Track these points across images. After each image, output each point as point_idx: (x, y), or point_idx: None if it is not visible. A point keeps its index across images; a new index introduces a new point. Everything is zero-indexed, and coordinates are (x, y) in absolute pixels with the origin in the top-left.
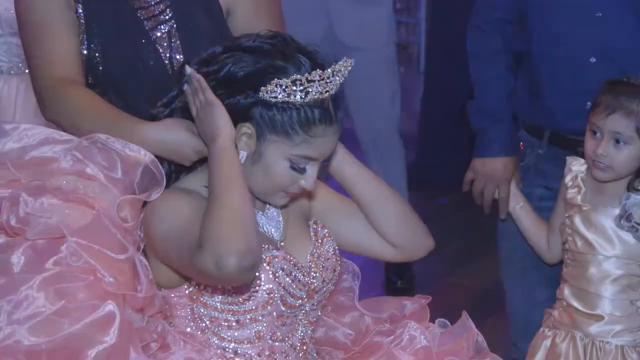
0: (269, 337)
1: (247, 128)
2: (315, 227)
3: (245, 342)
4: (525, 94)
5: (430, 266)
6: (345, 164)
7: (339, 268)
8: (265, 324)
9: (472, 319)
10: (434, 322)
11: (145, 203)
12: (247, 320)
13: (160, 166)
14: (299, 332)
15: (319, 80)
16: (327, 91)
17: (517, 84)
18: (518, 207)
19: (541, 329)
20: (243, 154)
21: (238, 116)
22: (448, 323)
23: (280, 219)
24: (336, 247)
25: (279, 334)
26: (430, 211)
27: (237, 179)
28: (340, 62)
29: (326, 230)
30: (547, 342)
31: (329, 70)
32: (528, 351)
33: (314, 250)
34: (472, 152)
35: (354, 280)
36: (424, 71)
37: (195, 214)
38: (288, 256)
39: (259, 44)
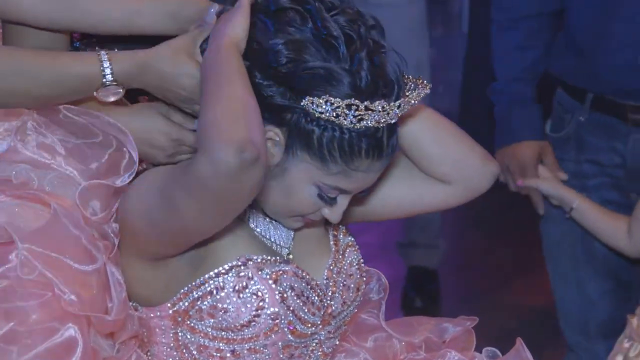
0: None
1: (275, 134)
2: (335, 233)
3: None
4: (564, 48)
5: (471, 280)
6: None
7: (363, 286)
8: (267, 357)
9: (528, 347)
10: (480, 352)
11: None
12: (245, 351)
13: (132, 141)
14: None
15: (380, 112)
16: (385, 121)
17: (556, 38)
18: (574, 206)
19: (620, 337)
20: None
21: (266, 115)
22: (498, 353)
23: None
24: (361, 260)
25: None
26: (469, 213)
27: (240, 75)
28: (415, 93)
29: (350, 238)
30: (621, 357)
31: (395, 103)
32: None
33: (333, 265)
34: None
35: (380, 293)
36: (468, 32)
37: (182, 164)
38: (299, 272)
39: (329, 27)
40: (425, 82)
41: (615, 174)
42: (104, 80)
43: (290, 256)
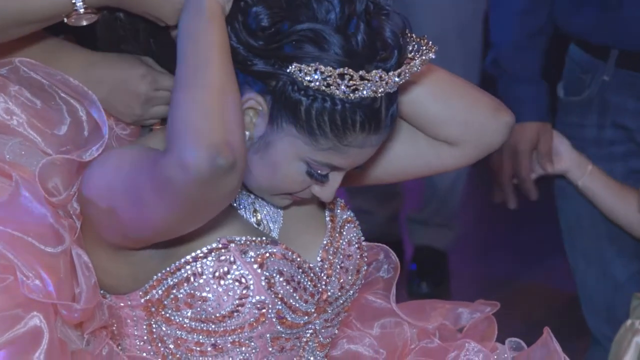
0: None
1: (258, 103)
2: (331, 208)
3: None
4: (580, 3)
5: (492, 263)
6: None
7: (364, 268)
8: (254, 350)
9: (557, 338)
10: (503, 342)
11: None
12: (229, 345)
13: (102, 110)
14: None
15: (377, 81)
16: (383, 91)
17: None
18: (586, 176)
19: (629, 321)
20: (245, 135)
21: (247, 80)
22: (523, 344)
23: None
24: (361, 237)
25: None
26: (491, 190)
27: (220, 54)
28: (417, 61)
29: (348, 213)
30: (639, 339)
31: (395, 72)
32: (612, 349)
33: (329, 244)
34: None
35: (389, 271)
36: None
37: (150, 153)
38: (289, 253)
39: None
40: (430, 43)
41: None
42: (76, 8)
43: (276, 235)
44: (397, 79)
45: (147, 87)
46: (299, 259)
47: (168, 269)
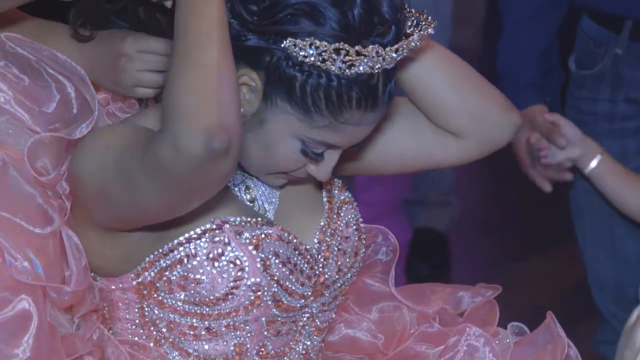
0: (255, 352)
1: (251, 79)
2: (329, 189)
3: (221, 359)
4: None
5: (494, 246)
6: None
7: (362, 250)
8: (249, 335)
9: (560, 322)
10: (504, 327)
11: None
12: (223, 329)
13: (91, 87)
14: (301, 345)
15: (374, 57)
16: (380, 67)
17: None
18: (594, 163)
19: None
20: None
21: (241, 55)
22: (525, 328)
23: None
24: (359, 218)
25: (270, 347)
26: (492, 166)
27: (220, 30)
28: (416, 36)
29: (346, 194)
30: None
31: (392, 47)
32: (623, 334)
33: (326, 226)
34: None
35: (388, 254)
36: None
37: (143, 133)
38: (285, 235)
39: None
40: (429, 18)
41: None
42: None
43: (272, 216)
44: (394, 55)
45: (130, 47)
46: (295, 241)
47: (161, 250)
